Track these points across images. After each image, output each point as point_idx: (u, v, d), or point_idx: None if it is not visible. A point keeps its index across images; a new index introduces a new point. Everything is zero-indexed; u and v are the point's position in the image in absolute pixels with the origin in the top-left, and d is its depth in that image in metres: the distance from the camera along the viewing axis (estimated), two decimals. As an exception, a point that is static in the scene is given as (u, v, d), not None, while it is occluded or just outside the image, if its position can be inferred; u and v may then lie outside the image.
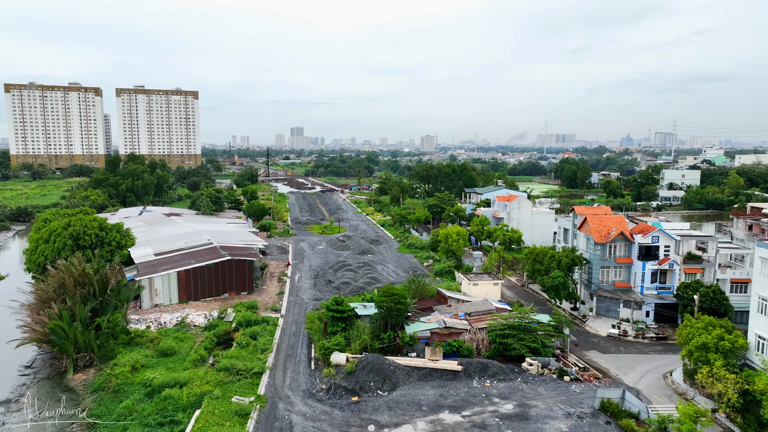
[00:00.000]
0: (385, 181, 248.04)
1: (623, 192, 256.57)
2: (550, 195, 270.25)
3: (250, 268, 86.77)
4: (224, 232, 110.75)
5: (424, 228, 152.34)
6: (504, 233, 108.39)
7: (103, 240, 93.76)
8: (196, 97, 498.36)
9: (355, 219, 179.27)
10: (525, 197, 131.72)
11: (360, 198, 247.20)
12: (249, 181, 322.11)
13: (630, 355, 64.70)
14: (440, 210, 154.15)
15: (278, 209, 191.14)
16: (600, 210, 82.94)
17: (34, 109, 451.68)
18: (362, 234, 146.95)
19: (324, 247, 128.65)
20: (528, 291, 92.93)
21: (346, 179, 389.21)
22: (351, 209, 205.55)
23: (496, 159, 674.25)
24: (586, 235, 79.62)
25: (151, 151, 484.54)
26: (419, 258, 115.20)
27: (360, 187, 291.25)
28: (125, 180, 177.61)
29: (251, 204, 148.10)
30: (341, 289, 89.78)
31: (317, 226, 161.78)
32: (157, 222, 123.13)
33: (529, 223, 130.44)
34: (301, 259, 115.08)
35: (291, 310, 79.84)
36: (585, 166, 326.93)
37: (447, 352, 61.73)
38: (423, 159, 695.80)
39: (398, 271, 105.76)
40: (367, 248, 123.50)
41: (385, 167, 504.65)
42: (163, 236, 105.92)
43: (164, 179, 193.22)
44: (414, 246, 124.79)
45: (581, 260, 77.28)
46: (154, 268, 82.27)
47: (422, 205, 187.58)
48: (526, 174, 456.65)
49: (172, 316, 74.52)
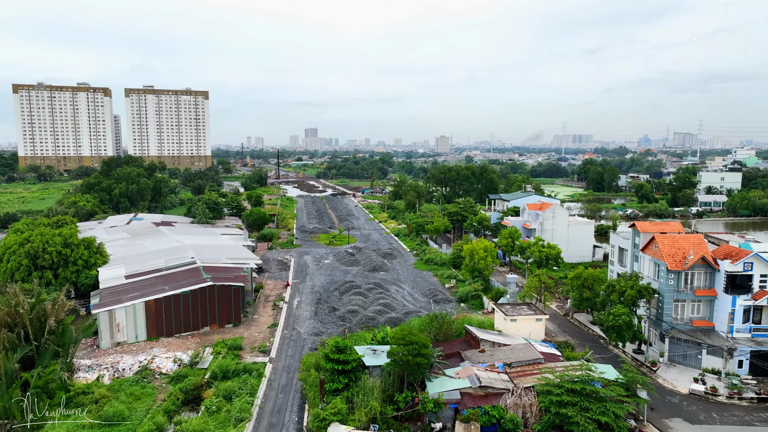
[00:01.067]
0: (400, 184, 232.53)
1: (656, 196, 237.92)
2: (576, 199, 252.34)
3: (237, 295, 71.81)
4: (214, 246, 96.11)
5: (443, 239, 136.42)
6: (540, 249, 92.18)
7: (66, 259, 79.54)
8: (207, 97, 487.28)
9: (366, 227, 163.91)
10: (560, 205, 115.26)
11: (373, 202, 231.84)
12: (257, 184, 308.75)
13: (731, 428, 48.32)
14: (461, 218, 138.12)
15: (284, 216, 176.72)
16: (669, 226, 66.47)
17: (43, 110, 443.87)
18: (374, 245, 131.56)
19: (330, 262, 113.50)
20: (573, 323, 76.74)
21: (358, 181, 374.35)
22: (363, 215, 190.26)
23: (513, 160, 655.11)
24: (653, 259, 63.26)
25: (161, 153, 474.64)
26: (439, 277, 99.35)
27: (373, 191, 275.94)
28: (119, 184, 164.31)
29: (251, 212, 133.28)
30: (347, 320, 74.47)
31: (325, 235, 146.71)
32: (143, 233, 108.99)
33: (565, 235, 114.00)
34: (303, 278, 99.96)
35: (284, 350, 64.63)
36: (612, 167, 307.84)
37: (484, 425, 46.04)
38: (438, 160, 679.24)
39: (415, 293, 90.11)
40: (380, 264, 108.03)
41: (399, 169, 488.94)
42: (142, 252, 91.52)
43: (162, 183, 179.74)
44: (433, 262, 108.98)
45: (650, 292, 60.94)
46: (119, 297, 67.64)
47: (440, 211, 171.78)
48: (547, 176, 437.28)
49: (135, 360, 59.73)
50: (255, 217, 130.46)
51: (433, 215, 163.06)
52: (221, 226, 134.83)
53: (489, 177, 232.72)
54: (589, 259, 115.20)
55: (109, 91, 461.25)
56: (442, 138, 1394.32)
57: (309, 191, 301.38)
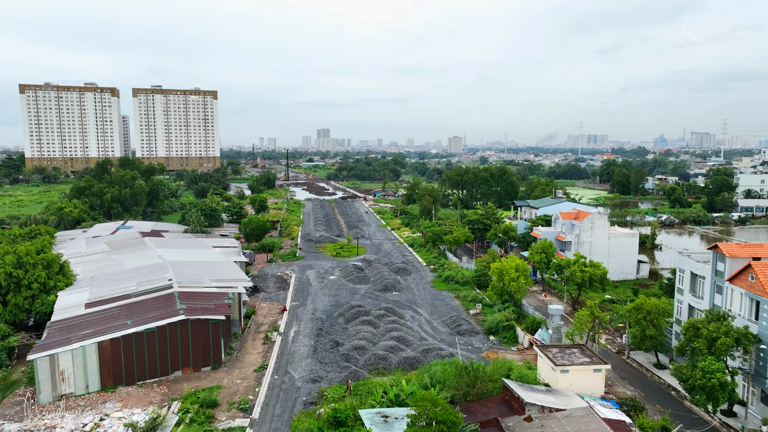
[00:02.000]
0: (413, 187, 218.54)
1: (688, 200, 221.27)
2: (601, 202, 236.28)
3: (216, 332, 58.43)
4: (200, 264, 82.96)
5: (464, 250, 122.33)
6: (582, 268, 77.68)
7: (19, 282, 66.77)
8: (215, 97, 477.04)
9: (378, 235, 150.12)
10: (599, 215, 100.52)
11: (385, 207, 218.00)
12: (265, 186, 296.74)
13: None
14: (483, 227, 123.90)
15: (288, 222, 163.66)
16: (764, 249, 51.80)
17: (49, 110, 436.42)
18: (386, 257, 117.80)
19: (336, 278, 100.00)
20: (630, 364, 62.27)
21: (370, 183, 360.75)
22: (374, 221, 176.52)
23: (530, 161, 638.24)
24: (749, 294, 48.72)
25: (169, 154, 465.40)
26: (462, 300, 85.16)
27: (385, 194, 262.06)
28: (111, 188, 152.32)
29: (249, 220, 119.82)
30: (352, 360, 60.78)
31: (332, 245, 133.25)
32: (124, 246, 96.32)
33: (605, 248, 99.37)
34: (304, 299, 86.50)
35: (270, 406, 51.04)
36: (638, 169, 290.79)
37: None
38: (452, 161, 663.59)
39: (434, 321, 76.14)
40: (392, 282, 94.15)
41: (412, 170, 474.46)
42: (116, 271, 78.64)
43: (159, 186, 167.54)
44: (453, 280, 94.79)
45: (750, 339, 46.44)
46: (69, 335, 54.57)
47: (458, 217, 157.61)
48: (566, 177, 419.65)
49: (79, 421, 46.59)
50: (254, 226, 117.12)
51: (450, 222, 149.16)
52: (218, 234, 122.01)
53: (509, 179, 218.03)
54: (632, 276, 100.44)
55: (116, 91, 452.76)
56: (455, 138, 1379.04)
57: (318, 194, 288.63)
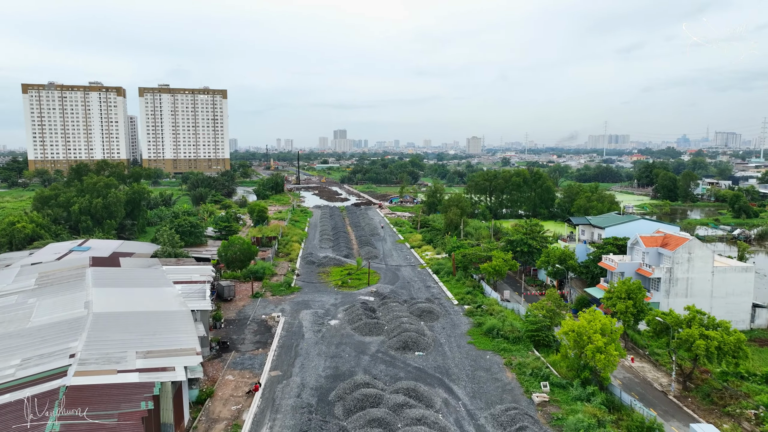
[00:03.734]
0: (434, 192, 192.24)
1: (753, 208, 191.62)
2: (647, 210, 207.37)
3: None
4: (139, 317, 58.06)
5: (508, 282, 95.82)
6: (703, 332, 50.88)
7: None
8: (225, 96, 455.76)
9: (394, 255, 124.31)
10: (699, 243, 73.23)
11: (402, 216, 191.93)
12: (272, 191, 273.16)
13: None
14: (528, 251, 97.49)
15: (289, 237, 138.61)
16: None
17: (53, 110, 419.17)
18: (405, 288, 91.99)
19: (339, 324, 74.60)
20: None
21: (386, 187, 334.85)
22: (390, 236, 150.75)
23: (555, 162, 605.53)
24: None
25: (176, 156, 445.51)
26: (516, 371, 58.57)
27: (402, 200, 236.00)
28: (80, 198, 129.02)
29: (230, 243, 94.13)
30: None
31: (338, 269, 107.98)
32: (55, 282, 72.09)
33: (707, 287, 72.35)
34: (290, 365, 61.11)
35: None
36: (689, 172, 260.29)
37: None
38: (471, 162, 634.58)
39: (481, 415, 49.85)
40: (414, 334, 68.06)
41: (431, 172, 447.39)
42: (12, 331, 54.12)
43: (141, 195, 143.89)
44: (499, 333, 68.30)
45: None
46: None
47: (490, 233, 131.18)
48: (598, 180, 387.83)
49: None
50: (236, 251, 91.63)
51: (481, 239, 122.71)
52: (194, 258, 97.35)
53: (544, 185, 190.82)
54: (744, 325, 73.18)
55: (122, 90, 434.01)
56: (473, 139, 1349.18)
57: (329, 199, 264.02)
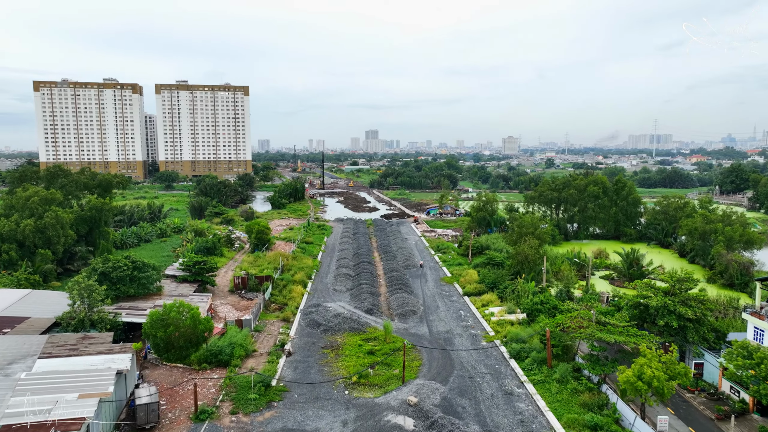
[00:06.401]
0: (485, 205, 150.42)
1: None
2: (763, 230, 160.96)
3: None
4: None
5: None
6: None
7: None
8: (247, 93, 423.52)
9: (441, 308, 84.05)
10: None
11: (444, 235, 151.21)
12: (290, 198, 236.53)
13: None
14: (679, 326, 56.35)
15: (293, 272, 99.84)
16: None
17: (66, 109, 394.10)
18: (466, 392, 52.06)
19: None
20: None
21: (421, 193, 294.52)
22: (430, 267, 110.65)
23: (604, 164, 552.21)
24: None
25: (195, 157, 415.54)
26: None
27: (443, 212, 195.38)
28: (5, 220, 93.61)
29: (164, 315, 54.69)
30: None
31: (354, 338, 68.57)
32: None
33: None
34: None
35: None
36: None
37: None
38: (512, 164, 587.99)
39: None
40: None
41: (470, 175, 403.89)
42: None
43: (103, 212, 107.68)
44: None
45: None
46: None
47: (572, 268, 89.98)
48: (664, 186, 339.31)
49: None
50: (171, 330, 52.95)
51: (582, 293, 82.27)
52: (136, 315, 59.61)
53: (630, 197, 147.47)
54: None
55: (138, 87, 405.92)
56: (509, 139, 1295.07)
57: (355, 209, 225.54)
